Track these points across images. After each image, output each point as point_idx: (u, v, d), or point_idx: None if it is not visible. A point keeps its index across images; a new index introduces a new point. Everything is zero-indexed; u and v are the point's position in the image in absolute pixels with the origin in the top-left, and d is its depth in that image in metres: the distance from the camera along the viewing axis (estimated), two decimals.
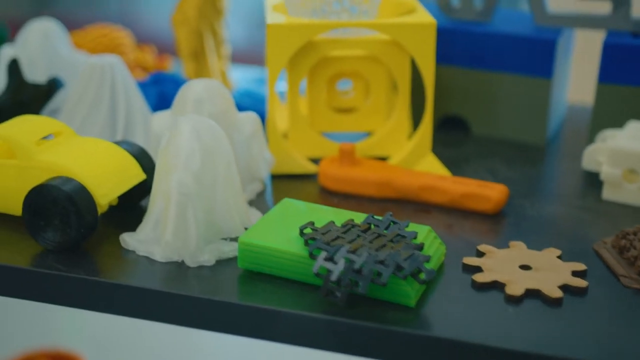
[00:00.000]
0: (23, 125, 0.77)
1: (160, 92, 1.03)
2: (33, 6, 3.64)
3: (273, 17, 0.87)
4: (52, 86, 0.96)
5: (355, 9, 0.89)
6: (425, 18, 0.87)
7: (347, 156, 0.86)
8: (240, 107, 1.07)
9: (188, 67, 1.15)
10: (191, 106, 0.82)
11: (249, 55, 1.72)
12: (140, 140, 0.93)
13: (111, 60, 0.93)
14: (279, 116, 1.02)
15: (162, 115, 0.85)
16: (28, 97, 0.97)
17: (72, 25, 1.27)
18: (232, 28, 1.22)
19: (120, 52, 1.20)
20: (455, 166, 0.93)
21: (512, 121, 1.01)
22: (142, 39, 1.41)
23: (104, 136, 0.92)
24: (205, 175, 0.72)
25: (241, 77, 1.23)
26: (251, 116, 0.85)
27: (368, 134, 0.98)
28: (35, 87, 0.97)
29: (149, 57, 1.28)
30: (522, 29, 1.00)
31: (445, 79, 1.02)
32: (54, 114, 1.02)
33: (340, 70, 0.91)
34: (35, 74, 1.03)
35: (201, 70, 1.15)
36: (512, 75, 1.00)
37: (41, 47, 1.04)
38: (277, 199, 0.85)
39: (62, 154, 0.75)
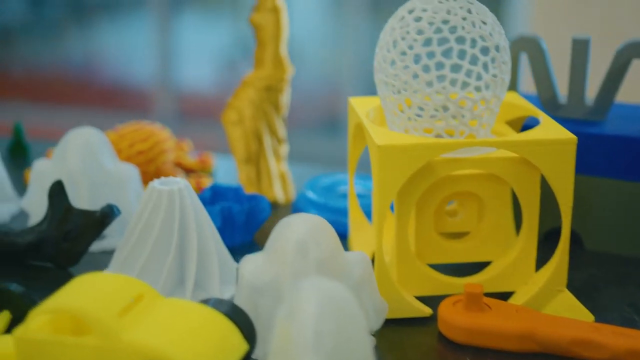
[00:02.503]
0: (94, 291, 0.62)
1: (225, 212, 0.89)
2: None
3: (379, 134, 0.73)
4: (106, 215, 0.81)
5: (464, 116, 0.75)
6: (560, 133, 0.74)
7: (475, 300, 0.72)
8: None
9: (243, 173, 1.01)
10: (293, 251, 0.68)
11: None
12: (215, 281, 0.78)
13: (179, 185, 0.78)
14: (362, 240, 0.88)
15: (255, 260, 0.70)
16: (76, 227, 0.82)
17: (35, 68, 1.13)
18: None
19: (162, 159, 1.05)
20: (584, 297, 0.79)
21: (637, 235, 0.88)
22: (109, 80, 1.25)
23: (172, 277, 0.77)
24: (338, 358, 0.58)
25: (299, 176, 1.09)
26: (360, 257, 0.71)
27: (478, 263, 0.83)
28: (86, 215, 0.82)
29: (189, 156, 1.13)
30: None
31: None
32: (105, 249, 0.88)
33: (454, 191, 0.77)
34: (76, 193, 0.88)
35: (258, 176, 1.01)
36: (631, 182, 0.87)
37: (83, 161, 0.89)
38: (390, 352, 0.70)
39: (152, 330, 0.59)
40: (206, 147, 1.15)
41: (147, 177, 1.04)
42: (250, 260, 0.70)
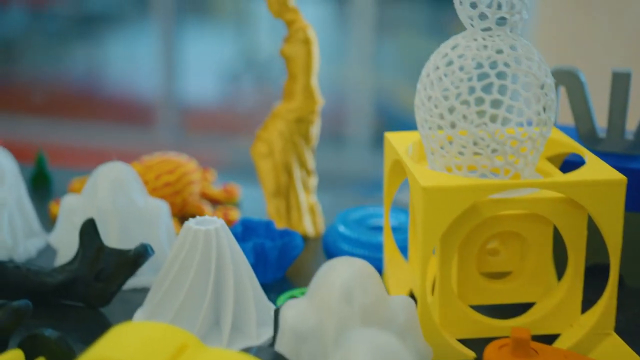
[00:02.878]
0: (137, 341, 0.60)
1: (257, 248, 0.87)
2: None
3: (423, 175, 0.71)
4: (140, 255, 0.79)
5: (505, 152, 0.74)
6: (609, 173, 0.72)
7: (522, 345, 0.70)
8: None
9: (272, 206, 0.99)
10: (338, 297, 0.66)
11: None
12: (252, 323, 0.76)
13: (216, 224, 0.76)
14: (398, 277, 0.86)
15: (297, 305, 0.68)
16: (109, 267, 0.80)
17: (36, 85, 1.11)
18: None
19: (189, 191, 1.03)
20: (629, 338, 0.77)
21: None
22: (112, 94, 1.23)
23: (209, 319, 0.75)
24: None
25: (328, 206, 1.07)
26: (405, 302, 0.69)
27: (520, 304, 0.81)
28: (119, 254, 0.80)
29: (213, 186, 1.12)
30: None
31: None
32: (135, 287, 0.86)
33: (497, 231, 0.75)
34: (106, 230, 0.86)
35: (288, 209, 0.99)
36: None
37: (113, 197, 0.87)
38: None
39: None
40: (209, 162, 1.14)
41: (173, 209, 1.02)
42: (293, 306, 0.68)
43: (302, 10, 0.95)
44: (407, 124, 1.03)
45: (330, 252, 0.95)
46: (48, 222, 1.02)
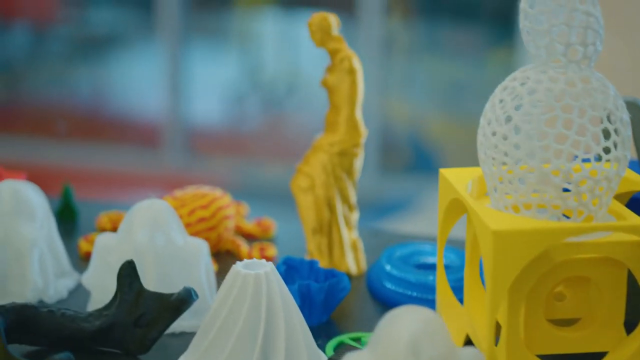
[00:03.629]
0: None
1: (303, 290, 0.82)
2: (2, 85, 3.43)
3: (492, 217, 0.67)
4: (184, 301, 0.74)
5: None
6: None
7: None
8: (397, 298, 0.87)
9: (313, 243, 0.94)
10: (405, 350, 0.61)
11: None
12: None
13: (265, 268, 0.72)
14: (453, 320, 0.81)
15: (359, 359, 0.64)
16: (149, 312, 0.75)
17: (43, 105, 1.06)
18: None
19: (224, 226, 0.99)
20: None
21: None
22: (117, 115, 1.19)
23: None
24: None
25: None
26: (474, 355, 0.64)
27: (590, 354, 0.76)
28: (160, 299, 0.75)
29: (246, 220, 1.07)
30: None
31: None
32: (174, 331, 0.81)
33: (567, 275, 0.71)
34: (143, 270, 0.82)
35: (330, 246, 0.94)
36: None
37: (151, 236, 0.82)
38: None
39: None
40: (217, 183, 1.09)
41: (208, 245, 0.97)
42: (357, 358, 0.63)
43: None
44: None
45: (375, 292, 0.91)
46: (77, 260, 0.97)
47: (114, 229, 1.05)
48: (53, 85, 3.46)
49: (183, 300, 0.75)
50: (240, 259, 0.98)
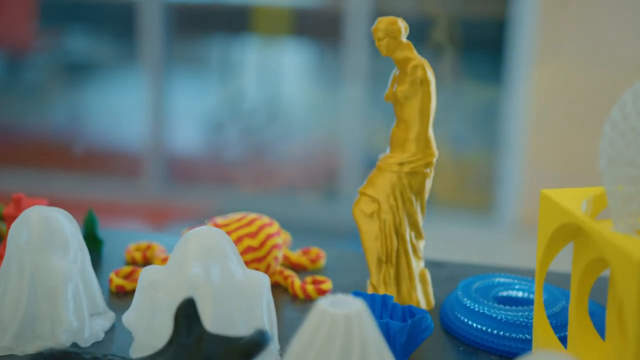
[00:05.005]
0: None
1: (382, 330, 0.71)
2: None
3: (633, 244, 0.57)
4: (256, 344, 0.63)
5: None
6: None
7: None
8: (480, 336, 0.77)
9: (376, 276, 0.84)
10: None
11: None
12: None
13: (356, 306, 0.61)
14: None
15: None
16: (213, 358, 0.64)
17: (17, 136, 0.96)
18: None
19: (273, 256, 0.88)
20: None
21: None
22: (96, 144, 1.09)
23: None
24: None
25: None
26: None
27: None
28: (227, 342, 0.64)
29: (291, 250, 0.97)
30: None
31: None
32: None
33: None
34: (198, 308, 0.70)
35: (398, 278, 0.84)
36: None
37: (207, 269, 0.71)
38: None
39: None
40: (197, 211, 1.00)
41: None
42: None
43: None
44: None
45: (452, 328, 0.80)
46: (108, 296, 0.86)
47: (145, 262, 0.94)
48: (30, 114, 3.35)
49: (255, 344, 0.64)
50: (293, 294, 0.88)
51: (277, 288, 0.90)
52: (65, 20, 3.40)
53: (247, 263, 0.87)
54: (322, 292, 0.87)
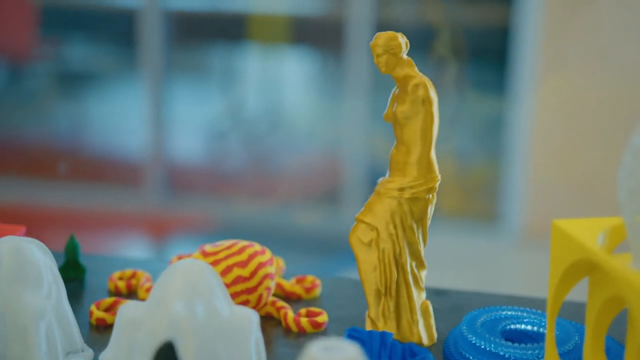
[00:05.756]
0: None
1: None
2: None
3: None
4: None
5: None
6: None
7: None
8: None
9: (375, 307, 0.78)
10: None
11: None
12: None
13: (348, 353, 0.56)
14: None
15: None
16: None
17: (16, 145, 0.90)
18: None
19: (264, 286, 0.82)
20: None
21: None
22: (96, 153, 1.03)
23: None
24: None
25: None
26: None
27: None
28: None
29: (284, 279, 0.91)
30: None
31: None
32: None
33: None
34: (181, 349, 0.65)
35: (397, 311, 0.79)
36: None
37: (190, 306, 0.66)
38: None
39: None
40: (198, 221, 0.94)
41: None
42: None
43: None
44: None
45: None
46: (87, 330, 0.80)
47: (129, 291, 0.89)
48: (30, 122, 3.32)
49: None
50: (286, 327, 0.82)
51: (270, 320, 0.84)
52: (66, 28, 3.36)
53: (237, 294, 0.81)
54: (317, 326, 0.81)
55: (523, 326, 0.78)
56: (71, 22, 3.36)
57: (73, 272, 0.90)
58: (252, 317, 0.68)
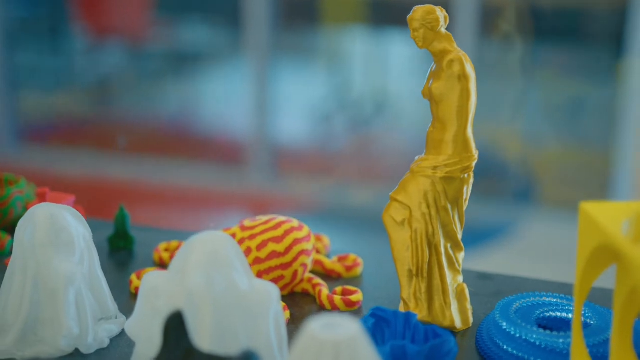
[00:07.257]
0: None
1: (397, 353, 0.64)
2: (91, 105, 3.40)
3: None
4: None
5: None
6: None
7: None
8: None
9: (408, 288, 0.77)
10: None
11: None
12: None
13: (349, 330, 0.55)
14: None
15: None
16: None
17: (130, 124, 0.91)
18: None
19: (300, 262, 0.82)
20: None
21: None
22: (204, 132, 1.02)
23: None
24: None
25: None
26: None
27: None
28: None
29: (327, 257, 0.91)
30: None
31: None
32: None
33: None
34: (198, 320, 0.65)
35: (430, 293, 0.77)
36: None
37: (208, 277, 0.66)
38: None
39: None
40: (299, 203, 0.93)
41: (281, 286, 0.81)
42: None
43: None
44: None
45: (486, 352, 0.72)
46: (128, 299, 0.82)
47: None
48: (144, 102, 3.42)
49: None
50: (321, 305, 0.82)
51: (306, 297, 0.84)
52: (179, 10, 3.45)
53: (271, 269, 0.81)
54: (350, 304, 0.80)
55: (560, 314, 0.75)
56: (184, 4, 3.44)
57: (122, 242, 0.93)
58: (271, 292, 0.68)
